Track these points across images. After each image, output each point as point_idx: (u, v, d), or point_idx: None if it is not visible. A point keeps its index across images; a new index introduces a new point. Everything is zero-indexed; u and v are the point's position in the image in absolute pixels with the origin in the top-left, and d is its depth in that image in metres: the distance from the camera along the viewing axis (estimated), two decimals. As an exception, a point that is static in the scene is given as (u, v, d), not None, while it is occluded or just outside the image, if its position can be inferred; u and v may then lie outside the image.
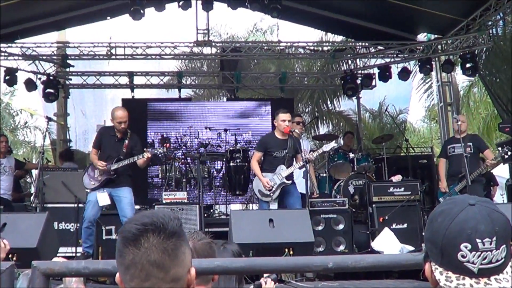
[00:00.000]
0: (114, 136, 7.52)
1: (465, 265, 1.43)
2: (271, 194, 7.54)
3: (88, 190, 7.40)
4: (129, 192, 7.47)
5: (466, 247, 1.42)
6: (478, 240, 1.42)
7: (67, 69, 12.79)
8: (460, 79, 17.23)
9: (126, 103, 12.78)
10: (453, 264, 1.44)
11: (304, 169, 7.56)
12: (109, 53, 12.01)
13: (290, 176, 7.65)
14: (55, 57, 12.30)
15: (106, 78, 13.38)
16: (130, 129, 7.62)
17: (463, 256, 1.43)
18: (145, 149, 7.45)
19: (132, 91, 13.28)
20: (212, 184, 11.30)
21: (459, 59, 11.87)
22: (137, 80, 13.48)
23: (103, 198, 7.28)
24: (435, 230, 1.48)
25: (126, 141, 7.51)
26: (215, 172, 11.75)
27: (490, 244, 1.42)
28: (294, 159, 7.72)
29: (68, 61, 12.30)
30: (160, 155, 7.73)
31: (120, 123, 7.38)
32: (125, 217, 7.17)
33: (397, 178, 9.10)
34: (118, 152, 7.49)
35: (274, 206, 7.53)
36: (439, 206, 1.54)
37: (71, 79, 13.38)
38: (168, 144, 8.36)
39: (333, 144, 8.00)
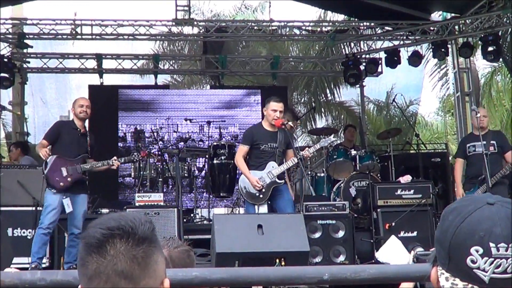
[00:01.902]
0: (76, 129, 7.57)
1: (475, 272, 1.41)
2: (261, 196, 7.54)
3: (54, 191, 7.33)
4: (85, 200, 7.71)
5: (477, 251, 1.40)
6: (491, 244, 1.39)
7: (25, 50, 12.71)
8: (481, 65, 17.37)
9: (93, 90, 12.76)
10: (461, 270, 1.43)
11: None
12: (74, 32, 11.95)
13: (281, 175, 7.66)
14: (9, 36, 12.22)
15: (70, 61, 13.32)
16: (99, 120, 7.70)
17: (473, 262, 1.41)
18: (114, 157, 7.64)
19: (101, 76, 13.24)
20: (192, 185, 11.28)
21: (479, 42, 11.91)
22: (107, 64, 13.44)
23: (68, 204, 7.34)
24: (445, 229, 1.47)
25: (89, 139, 7.62)
26: (196, 171, 11.72)
27: (506, 250, 1.39)
28: (284, 155, 7.72)
29: (26, 41, 12.22)
30: (135, 160, 7.97)
31: (82, 106, 7.48)
32: (76, 228, 7.39)
33: (405, 178, 9.11)
34: (82, 148, 7.53)
35: (263, 209, 7.54)
36: (453, 203, 1.54)
37: (29, 62, 13.29)
38: (145, 153, 8.46)
39: (332, 139, 7.99)
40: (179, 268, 2.41)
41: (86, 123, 7.97)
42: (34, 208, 8.35)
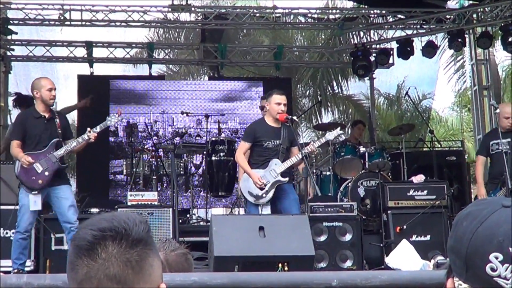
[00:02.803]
0: (41, 117, 7.29)
1: (495, 281, 1.40)
2: (263, 195, 7.53)
3: (36, 192, 7.22)
4: (70, 191, 7.43)
5: (496, 257, 1.39)
6: None
7: (9, 37, 12.68)
8: (501, 56, 17.32)
9: (83, 80, 12.77)
10: (480, 279, 1.42)
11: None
12: (62, 17, 11.93)
13: (286, 173, 7.65)
14: (-7, 22, 12.20)
15: (58, 49, 13.31)
16: (88, 112, 7.58)
17: (492, 269, 1.40)
18: (88, 128, 7.31)
19: (91, 66, 13.22)
20: (189, 183, 11.29)
21: (499, 31, 11.89)
22: (97, 52, 13.42)
23: (35, 201, 7.12)
24: (459, 236, 1.47)
25: (57, 120, 7.37)
26: (193, 168, 11.74)
27: None
28: (288, 153, 7.72)
29: (10, 27, 12.19)
30: (114, 125, 7.63)
31: (51, 90, 7.26)
32: (68, 223, 7.13)
33: (418, 178, 9.11)
34: (53, 134, 7.29)
35: (266, 210, 7.53)
36: (466, 207, 1.53)
37: (13, 50, 13.26)
38: (120, 112, 7.86)
39: (338, 132, 7.99)
40: (177, 273, 2.41)
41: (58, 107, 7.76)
42: (15, 207, 8.30)
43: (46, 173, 7.16)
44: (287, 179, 7.66)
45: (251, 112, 12.95)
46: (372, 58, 12.99)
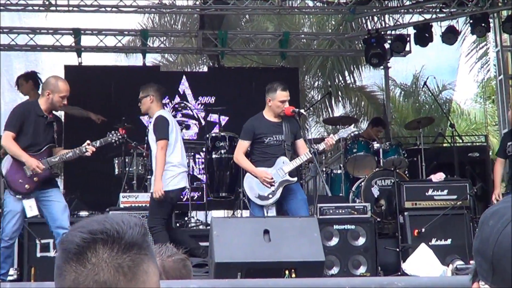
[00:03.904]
0: (43, 117, 7.24)
1: None
2: (270, 196, 7.52)
3: (20, 196, 7.22)
4: (60, 194, 7.49)
5: None
6: None
7: (-11, 25, 12.73)
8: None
9: (70, 71, 12.74)
10: (508, 283, 1.42)
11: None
12: (47, 2, 11.93)
13: (294, 172, 7.66)
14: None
15: (43, 37, 13.31)
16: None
17: None
18: (88, 141, 7.31)
19: (79, 55, 13.23)
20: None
21: (528, 15, 11.87)
22: (86, 40, 13.44)
23: (31, 206, 7.13)
24: (485, 237, 1.47)
25: (55, 124, 7.38)
26: (191, 166, 11.73)
27: None
28: (294, 148, 7.71)
29: (-10, 14, 12.23)
30: (114, 143, 7.65)
31: (63, 98, 7.26)
32: (61, 228, 7.07)
33: (438, 176, 9.11)
34: (48, 139, 7.25)
35: (271, 212, 7.53)
36: (493, 206, 1.53)
37: (-6, 38, 13.32)
38: (124, 130, 8.08)
39: (352, 129, 8.00)
40: (174, 280, 2.41)
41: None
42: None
43: (35, 179, 7.14)
44: (295, 179, 7.66)
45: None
46: (387, 46, 12.98)
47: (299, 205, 7.56)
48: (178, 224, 9.13)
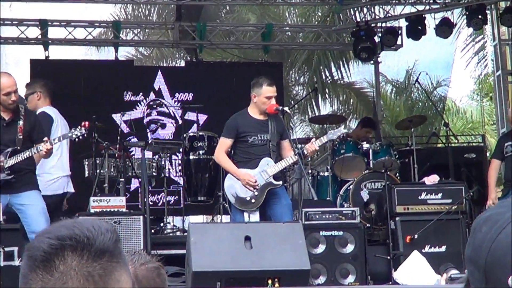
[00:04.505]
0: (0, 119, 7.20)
1: None
2: (252, 200, 7.50)
3: None
4: (37, 196, 7.30)
5: None
6: None
7: None
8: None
9: (36, 66, 12.71)
10: None
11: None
12: (11, -9, 11.90)
13: (279, 175, 7.67)
14: None
15: (6, 29, 13.26)
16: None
17: None
18: (45, 138, 7.19)
19: (46, 48, 13.18)
20: (163, 187, 11.27)
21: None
22: (54, 32, 13.40)
23: None
24: (478, 245, 1.47)
25: (21, 123, 7.30)
26: (167, 168, 11.71)
27: None
28: (279, 149, 7.71)
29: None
30: (76, 138, 7.51)
31: (9, 95, 7.15)
32: (35, 234, 7.00)
33: (432, 179, 9.15)
34: (10, 141, 7.27)
35: (254, 217, 7.52)
36: (485, 211, 1.54)
37: (-49, 31, 13.26)
38: (87, 123, 7.84)
39: (342, 130, 8.00)
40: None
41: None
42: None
43: None
44: (280, 182, 7.66)
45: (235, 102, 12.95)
46: (377, 39, 13.03)
47: (283, 210, 7.54)
48: (153, 231, 9.09)
